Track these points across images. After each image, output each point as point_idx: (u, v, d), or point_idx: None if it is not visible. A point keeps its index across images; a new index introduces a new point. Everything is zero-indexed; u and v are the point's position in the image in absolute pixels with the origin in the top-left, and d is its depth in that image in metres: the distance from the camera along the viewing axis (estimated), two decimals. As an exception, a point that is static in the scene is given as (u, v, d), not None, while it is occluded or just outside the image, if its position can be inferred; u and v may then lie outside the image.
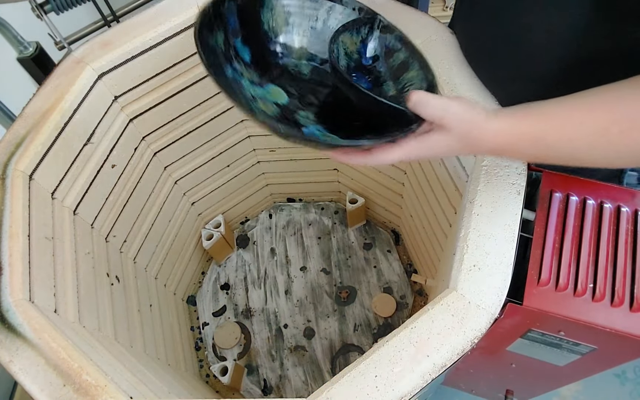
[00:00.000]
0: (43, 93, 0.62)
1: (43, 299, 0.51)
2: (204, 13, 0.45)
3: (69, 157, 0.62)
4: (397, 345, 0.44)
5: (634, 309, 0.48)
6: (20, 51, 0.75)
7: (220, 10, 0.47)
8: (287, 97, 0.50)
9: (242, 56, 0.49)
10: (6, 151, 0.56)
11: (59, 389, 0.43)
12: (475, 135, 0.40)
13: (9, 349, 0.45)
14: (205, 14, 0.45)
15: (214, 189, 1.00)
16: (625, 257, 0.51)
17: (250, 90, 0.49)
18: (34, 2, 0.70)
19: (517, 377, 0.78)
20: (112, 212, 0.73)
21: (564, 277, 0.50)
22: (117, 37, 0.67)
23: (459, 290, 0.47)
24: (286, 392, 0.92)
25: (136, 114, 0.74)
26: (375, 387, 0.42)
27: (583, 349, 0.56)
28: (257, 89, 0.49)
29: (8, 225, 0.51)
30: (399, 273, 1.01)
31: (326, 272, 1.04)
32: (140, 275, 0.82)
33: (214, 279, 1.06)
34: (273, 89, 0.50)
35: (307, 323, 0.98)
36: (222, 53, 0.47)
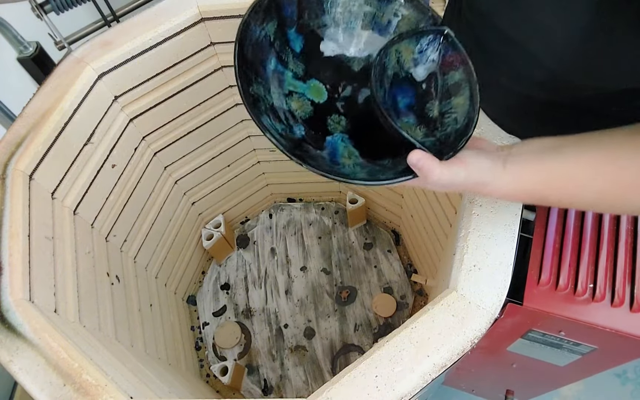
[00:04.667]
0: (43, 93, 0.62)
1: (43, 298, 0.51)
2: (258, 4, 0.44)
3: (69, 157, 0.62)
4: (397, 345, 0.44)
5: (634, 309, 0.48)
6: (20, 51, 0.75)
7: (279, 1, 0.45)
8: (326, 95, 0.48)
9: (293, 46, 0.48)
10: (6, 151, 0.56)
11: (59, 389, 0.43)
12: (482, 192, 0.42)
13: (9, 348, 0.45)
14: (259, 5, 0.44)
15: (214, 189, 1.00)
16: (625, 257, 0.51)
17: (291, 85, 0.47)
18: (34, 2, 0.70)
19: (517, 377, 0.78)
20: (112, 211, 0.73)
21: (564, 277, 0.50)
22: (117, 37, 0.67)
23: (459, 291, 0.46)
24: (286, 392, 0.92)
25: (136, 114, 0.74)
26: (376, 387, 0.42)
27: (583, 349, 0.56)
28: (299, 84, 0.48)
29: (8, 225, 0.51)
30: (400, 273, 1.01)
31: (326, 272, 1.04)
32: (140, 274, 0.82)
33: (214, 279, 1.06)
34: (314, 85, 0.48)
35: (308, 323, 0.98)
36: (270, 43, 0.46)
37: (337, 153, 0.46)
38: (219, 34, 0.72)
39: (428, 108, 0.45)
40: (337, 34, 0.49)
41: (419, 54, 0.45)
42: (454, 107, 0.44)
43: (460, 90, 0.43)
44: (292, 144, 0.44)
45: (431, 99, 0.45)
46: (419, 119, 0.46)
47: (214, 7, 0.68)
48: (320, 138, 0.47)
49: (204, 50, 0.74)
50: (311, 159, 0.43)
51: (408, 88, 0.46)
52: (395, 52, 0.45)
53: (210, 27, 0.71)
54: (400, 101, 0.46)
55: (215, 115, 0.85)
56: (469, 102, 0.42)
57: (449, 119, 0.44)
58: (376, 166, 0.45)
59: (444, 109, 0.45)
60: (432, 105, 0.45)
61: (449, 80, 0.44)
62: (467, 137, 0.40)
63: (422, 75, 0.46)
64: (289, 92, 0.48)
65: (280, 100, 0.47)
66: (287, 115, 0.47)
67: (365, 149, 0.46)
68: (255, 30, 0.45)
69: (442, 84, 0.45)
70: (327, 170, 0.41)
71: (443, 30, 0.44)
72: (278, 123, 0.45)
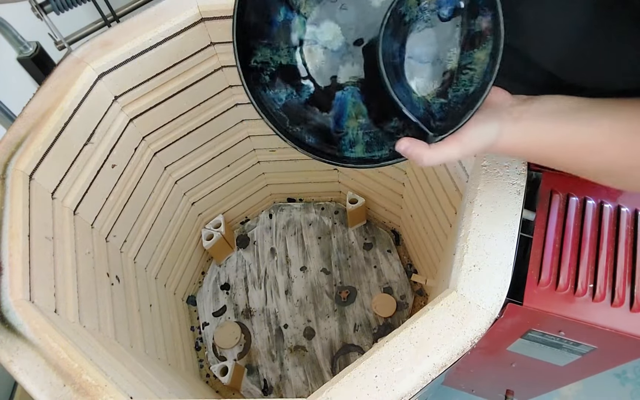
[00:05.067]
0: (43, 93, 0.62)
1: (43, 299, 0.51)
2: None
3: (69, 157, 0.62)
4: (397, 345, 0.44)
5: (634, 309, 0.48)
6: (20, 51, 0.75)
7: None
8: (342, 39, 0.44)
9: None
10: (6, 151, 0.56)
11: (59, 389, 0.43)
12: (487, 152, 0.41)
13: (9, 349, 0.45)
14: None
15: (214, 189, 1.00)
16: (625, 257, 0.51)
17: (303, 31, 0.44)
18: (34, 2, 0.70)
19: (517, 377, 0.78)
20: (112, 212, 0.73)
21: (564, 277, 0.50)
22: (117, 37, 0.67)
23: (459, 291, 0.46)
24: (286, 392, 0.92)
25: (136, 114, 0.74)
26: (376, 387, 0.42)
27: (583, 349, 0.56)
28: (311, 29, 0.45)
29: (8, 225, 0.51)
30: (399, 273, 1.01)
31: (326, 272, 1.04)
32: (140, 275, 0.82)
33: (214, 279, 1.06)
34: (328, 28, 0.44)
35: (307, 323, 0.98)
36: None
37: (345, 112, 0.43)
38: (219, 34, 0.72)
39: (448, 57, 0.42)
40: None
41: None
42: (474, 61, 0.40)
43: (484, 43, 0.39)
44: (294, 114, 0.42)
45: (453, 46, 0.41)
46: (436, 71, 0.42)
47: (214, 7, 0.68)
48: (330, 92, 0.44)
49: (204, 50, 0.74)
50: (310, 134, 0.41)
51: (431, 34, 0.42)
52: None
53: (210, 27, 0.71)
54: (419, 51, 0.42)
55: (215, 115, 0.85)
56: (489, 60, 0.38)
57: (465, 77, 0.40)
58: (381, 130, 0.42)
59: (464, 61, 0.41)
60: (453, 55, 0.41)
61: (475, 26, 0.40)
62: (467, 118, 0.37)
63: (447, 15, 0.41)
64: (300, 42, 0.45)
65: (289, 55, 0.44)
66: (297, 73, 0.44)
67: (375, 106, 0.43)
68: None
69: (467, 29, 0.41)
70: (321, 154, 0.39)
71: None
72: (284, 88, 0.43)
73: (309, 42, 0.45)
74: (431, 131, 0.38)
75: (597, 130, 0.38)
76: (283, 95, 0.44)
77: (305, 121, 0.43)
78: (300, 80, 0.45)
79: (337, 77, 0.45)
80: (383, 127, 0.42)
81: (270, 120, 0.41)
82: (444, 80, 0.42)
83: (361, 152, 0.42)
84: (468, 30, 0.40)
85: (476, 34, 0.40)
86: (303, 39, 0.45)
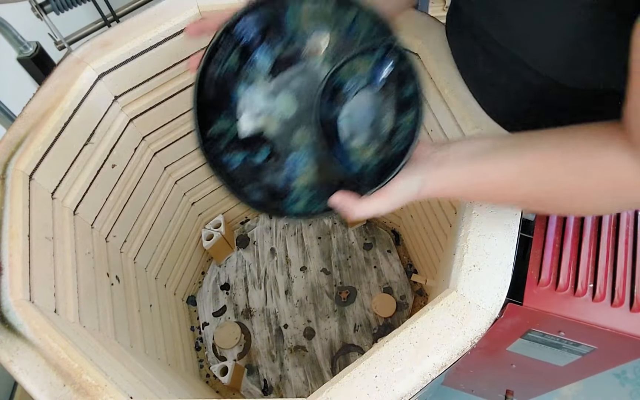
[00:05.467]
0: (43, 93, 0.62)
1: (43, 299, 0.51)
2: (215, 45, 0.44)
3: (69, 157, 0.62)
4: (397, 345, 0.44)
5: (634, 309, 0.48)
6: (20, 51, 0.75)
7: (235, 31, 0.45)
8: (296, 108, 0.48)
9: (261, 66, 0.48)
10: (6, 151, 0.56)
11: (59, 389, 0.43)
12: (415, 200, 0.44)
13: (9, 349, 0.45)
14: (215, 44, 0.44)
15: (214, 189, 1.00)
16: (625, 257, 0.51)
17: (261, 103, 0.48)
18: (34, 2, 0.70)
19: (517, 377, 0.78)
20: (112, 212, 0.73)
21: (564, 277, 0.50)
22: (117, 37, 0.67)
23: (459, 290, 0.46)
24: (286, 393, 0.92)
25: (136, 114, 0.74)
26: (376, 387, 0.42)
27: (583, 349, 0.56)
28: (269, 101, 0.48)
29: (8, 225, 0.51)
30: (399, 273, 1.01)
31: (326, 272, 1.04)
32: (140, 275, 0.82)
33: (214, 279, 1.06)
34: (284, 99, 0.48)
35: (307, 323, 0.98)
36: (235, 73, 0.46)
37: (295, 173, 0.47)
38: (219, 34, 0.72)
39: (384, 121, 0.46)
40: (305, 45, 0.48)
41: (375, 67, 0.46)
42: (404, 123, 0.44)
43: (411, 107, 0.44)
44: (247, 175, 0.45)
45: (388, 110, 0.46)
46: (374, 133, 0.46)
47: (214, 7, 0.68)
48: (284, 155, 0.47)
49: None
50: (258, 191, 0.44)
51: (367, 102, 0.47)
52: (349, 68, 0.46)
53: (210, 28, 0.71)
54: (357, 116, 0.47)
55: (215, 116, 0.85)
56: (415, 121, 0.42)
57: (399, 137, 0.44)
58: (323, 187, 0.46)
59: (396, 124, 0.45)
60: (388, 119, 0.46)
61: (404, 93, 0.44)
62: (392, 175, 0.40)
63: (379, 85, 0.46)
64: (258, 112, 0.48)
65: (248, 124, 0.48)
66: (254, 138, 0.47)
67: (322, 166, 0.47)
68: (216, 69, 0.45)
69: (397, 96, 0.45)
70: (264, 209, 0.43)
71: (393, 42, 0.44)
72: (240, 154, 0.46)
73: (267, 111, 0.48)
74: (365, 186, 0.41)
75: (512, 166, 0.41)
76: (239, 159, 0.46)
77: (257, 180, 0.46)
78: (256, 146, 0.47)
79: (291, 141, 0.48)
80: (326, 184, 0.45)
81: (221, 179, 0.43)
82: (381, 141, 0.46)
83: (302, 208, 0.44)
84: (398, 97, 0.45)
85: (405, 100, 0.44)
86: (262, 110, 0.48)
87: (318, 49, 0.48)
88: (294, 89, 0.48)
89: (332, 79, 0.45)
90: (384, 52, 0.45)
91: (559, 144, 0.40)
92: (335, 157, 0.42)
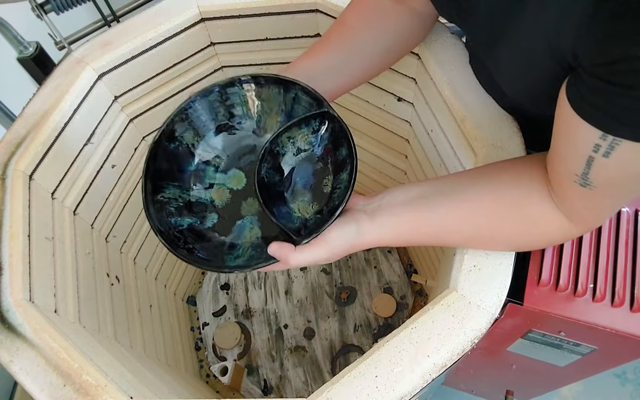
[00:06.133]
0: (43, 93, 0.62)
1: (43, 299, 0.51)
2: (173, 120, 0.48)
3: (69, 157, 0.62)
4: (397, 345, 0.44)
5: (634, 309, 0.48)
6: (20, 51, 0.75)
7: (188, 114, 0.49)
8: (245, 182, 0.51)
9: (214, 145, 0.52)
10: (6, 151, 0.56)
11: (59, 389, 0.43)
12: (353, 251, 0.46)
13: (9, 349, 0.45)
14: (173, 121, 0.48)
15: (214, 189, 1.00)
16: (625, 257, 0.51)
17: (212, 178, 0.51)
18: (34, 2, 0.70)
19: (517, 378, 0.78)
20: (112, 212, 0.73)
21: (564, 277, 0.50)
22: (117, 37, 0.67)
23: (459, 291, 0.46)
24: (286, 393, 0.92)
25: (136, 114, 0.74)
26: (376, 387, 0.42)
27: (583, 349, 0.56)
28: (219, 176, 0.51)
29: (8, 225, 0.51)
30: (399, 273, 1.01)
31: (326, 273, 1.04)
32: (140, 275, 0.82)
33: (214, 279, 1.06)
34: (235, 175, 0.52)
35: (308, 323, 0.98)
36: (189, 149, 0.50)
37: (242, 236, 0.49)
38: (219, 34, 0.72)
39: (324, 183, 0.49)
40: (252, 124, 0.52)
41: (312, 136, 0.49)
42: (340, 181, 0.47)
43: (346, 166, 0.46)
44: (193, 237, 0.47)
45: (327, 174, 0.49)
46: (315, 196, 0.49)
47: (214, 7, 0.68)
48: (231, 223, 0.50)
49: (204, 50, 0.74)
50: (202, 251, 0.46)
51: (308, 168, 0.50)
52: (288, 137, 0.49)
53: (211, 27, 0.71)
54: (300, 181, 0.50)
55: (215, 116, 0.85)
56: (348, 178, 0.45)
57: (335, 195, 0.47)
58: (265, 244, 0.48)
59: (335, 183, 0.48)
60: (328, 181, 0.49)
61: (340, 155, 0.48)
62: (326, 226, 0.42)
63: (319, 153, 0.50)
64: (209, 185, 0.51)
65: (199, 194, 0.50)
66: (204, 207, 0.50)
67: (266, 227, 0.49)
68: (169, 144, 0.49)
69: (334, 159, 0.49)
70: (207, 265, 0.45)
71: (324, 109, 0.47)
72: (188, 218, 0.49)
73: (218, 185, 0.51)
74: (301, 238, 0.43)
75: (444, 214, 0.44)
76: (186, 222, 0.48)
77: (202, 241, 0.48)
78: (206, 213, 0.50)
79: (240, 210, 0.50)
80: (269, 240, 0.47)
81: (164, 239, 0.45)
82: (321, 201, 0.48)
83: (242, 262, 0.46)
84: (336, 159, 0.48)
85: (341, 161, 0.47)
86: (213, 183, 0.51)
87: (266, 130, 0.52)
88: (243, 166, 0.52)
89: (273, 148, 0.48)
90: (319, 120, 0.48)
91: (491, 191, 0.44)
92: (275, 217, 0.45)
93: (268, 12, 0.69)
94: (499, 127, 0.55)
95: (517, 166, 0.45)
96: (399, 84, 0.71)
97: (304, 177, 0.50)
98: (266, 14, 0.69)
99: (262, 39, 0.73)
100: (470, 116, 0.55)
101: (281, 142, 0.49)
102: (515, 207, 0.43)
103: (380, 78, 0.73)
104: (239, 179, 0.52)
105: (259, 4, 0.68)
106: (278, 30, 0.72)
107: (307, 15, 0.69)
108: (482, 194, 0.44)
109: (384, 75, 0.72)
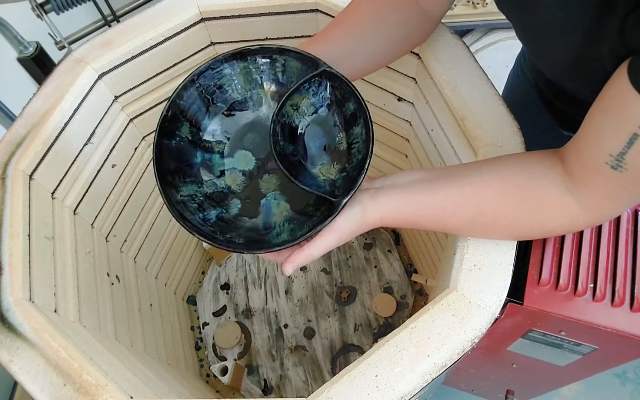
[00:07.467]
0: (43, 93, 0.62)
1: (43, 298, 0.51)
2: (164, 118, 0.47)
3: (69, 157, 0.62)
4: (397, 345, 0.44)
5: (634, 309, 0.48)
6: (20, 51, 0.76)
7: (180, 105, 0.49)
8: (254, 161, 0.51)
9: (212, 131, 0.51)
10: (6, 151, 0.56)
11: (59, 389, 0.43)
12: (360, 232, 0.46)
13: (9, 348, 0.45)
14: (165, 119, 0.47)
15: (214, 189, 1.00)
16: (625, 257, 0.51)
17: (220, 165, 0.51)
18: (34, 2, 0.70)
19: (517, 377, 0.78)
20: (112, 211, 0.73)
21: (565, 277, 0.50)
22: (118, 37, 0.67)
23: (459, 290, 0.46)
24: (286, 392, 0.92)
25: (136, 114, 0.74)
26: (376, 387, 0.42)
27: (584, 349, 0.56)
28: (227, 161, 0.51)
29: (8, 225, 0.51)
30: (400, 273, 1.01)
31: (326, 272, 1.04)
32: (140, 274, 0.82)
33: (214, 279, 1.06)
34: (241, 156, 0.52)
35: (308, 323, 0.98)
36: (190, 142, 0.50)
37: (271, 213, 0.49)
38: (219, 34, 0.72)
39: (338, 141, 0.49)
40: (247, 102, 0.52)
41: (314, 97, 0.49)
42: (355, 135, 0.47)
43: (357, 120, 0.47)
44: (226, 226, 0.48)
45: (339, 131, 0.49)
46: (333, 156, 0.49)
47: (214, 7, 0.68)
48: (256, 202, 0.50)
49: (204, 50, 0.74)
50: (240, 238, 0.46)
51: (319, 130, 0.50)
52: (291, 106, 0.49)
53: (211, 27, 0.71)
54: (313, 145, 0.50)
55: (215, 115, 0.85)
56: (364, 131, 0.45)
57: (355, 149, 0.47)
58: (302, 215, 0.48)
59: (350, 139, 0.48)
60: (342, 138, 0.49)
61: (347, 111, 0.48)
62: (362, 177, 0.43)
63: (324, 111, 0.50)
64: (220, 173, 0.51)
65: (214, 184, 0.50)
66: (224, 195, 0.50)
67: (295, 199, 0.50)
68: (170, 142, 0.48)
69: (342, 116, 0.49)
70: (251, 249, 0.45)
71: (321, 69, 0.47)
72: (213, 210, 0.49)
73: (229, 170, 0.51)
74: (338, 197, 0.43)
75: (445, 195, 0.45)
76: (213, 215, 0.49)
77: (236, 229, 0.48)
78: (227, 200, 0.50)
79: (260, 189, 0.51)
80: (303, 212, 0.47)
81: (202, 235, 0.45)
82: (341, 159, 0.49)
83: (286, 237, 0.46)
84: (344, 116, 0.49)
85: (350, 116, 0.48)
86: (224, 170, 0.51)
87: (261, 103, 0.52)
88: (247, 145, 0.52)
89: (279, 120, 0.48)
90: (317, 82, 0.48)
91: (496, 174, 0.44)
92: (303, 186, 0.45)
93: (268, 12, 0.69)
94: (499, 127, 0.55)
95: (525, 156, 0.45)
96: (399, 83, 0.71)
97: (317, 140, 0.50)
98: (266, 13, 0.69)
99: (262, 39, 0.73)
100: (471, 115, 0.55)
101: (286, 112, 0.49)
102: (521, 188, 0.42)
103: (380, 77, 0.73)
104: (247, 159, 0.52)
105: (259, 4, 0.68)
106: (278, 30, 0.72)
107: (307, 15, 0.69)
108: (487, 177, 0.44)
109: (384, 75, 0.72)
